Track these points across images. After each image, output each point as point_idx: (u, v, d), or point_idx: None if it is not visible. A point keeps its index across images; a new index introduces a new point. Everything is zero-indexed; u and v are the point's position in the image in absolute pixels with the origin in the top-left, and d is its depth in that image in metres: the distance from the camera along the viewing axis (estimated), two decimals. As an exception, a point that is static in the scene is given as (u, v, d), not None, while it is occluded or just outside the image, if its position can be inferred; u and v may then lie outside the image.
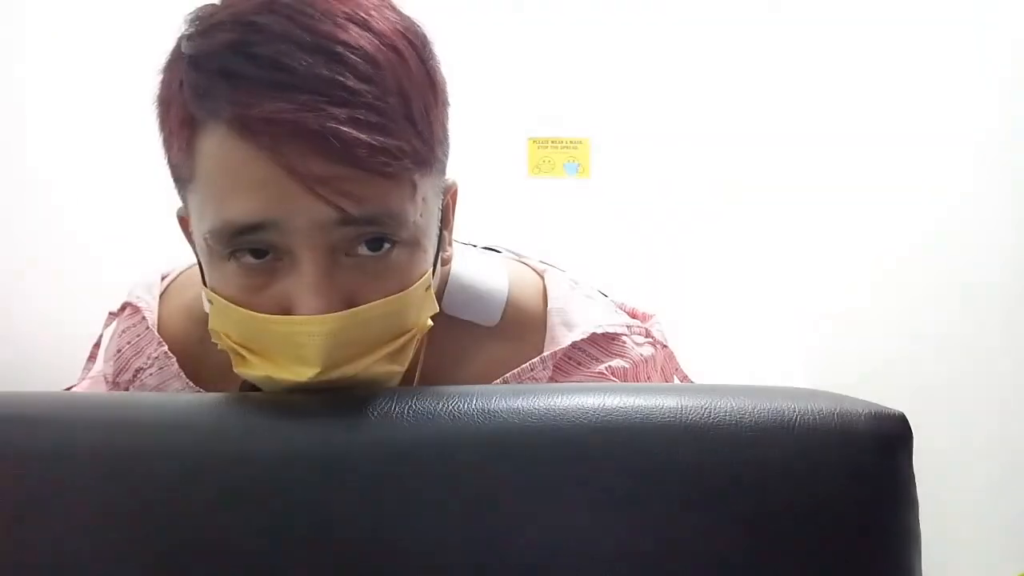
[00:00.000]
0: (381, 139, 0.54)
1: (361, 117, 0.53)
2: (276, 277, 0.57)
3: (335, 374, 0.56)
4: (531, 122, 1.85)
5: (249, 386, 0.63)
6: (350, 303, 0.56)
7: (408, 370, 0.63)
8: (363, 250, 0.57)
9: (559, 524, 0.51)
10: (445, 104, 0.61)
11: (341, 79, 0.53)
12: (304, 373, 0.56)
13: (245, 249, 0.56)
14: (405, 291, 0.58)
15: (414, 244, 0.59)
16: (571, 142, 1.86)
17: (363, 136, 0.53)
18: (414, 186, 0.57)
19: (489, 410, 0.54)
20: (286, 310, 0.56)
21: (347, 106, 0.53)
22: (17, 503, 0.53)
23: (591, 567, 0.51)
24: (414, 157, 0.56)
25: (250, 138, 0.53)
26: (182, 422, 0.55)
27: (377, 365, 0.58)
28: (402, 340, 0.59)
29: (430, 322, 0.62)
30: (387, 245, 0.57)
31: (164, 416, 0.55)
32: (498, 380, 0.71)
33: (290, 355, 0.56)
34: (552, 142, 1.86)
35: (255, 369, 0.58)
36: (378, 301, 0.57)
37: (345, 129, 0.53)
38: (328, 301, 0.55)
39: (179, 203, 0.64)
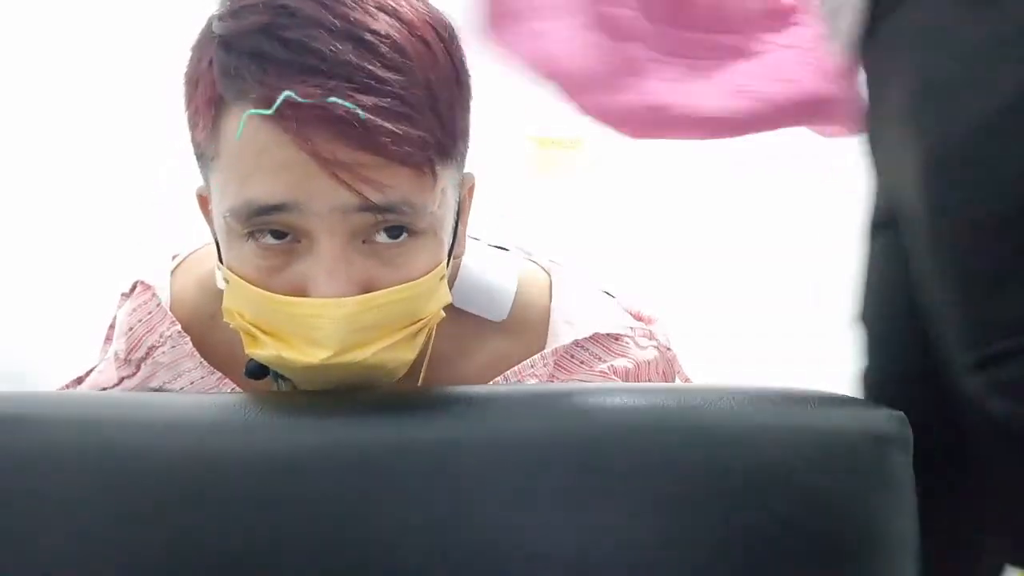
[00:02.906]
0: (406, 128, 0.54)
1: (387, 105, 0.53)
2: (293, 259, 0.57)
3: (346, 358, 0.56)
4: (533, 121, 1.85)
5: (255, 366, 0.63)
6: (366, 288, 0.57)
7: (415, 361, 0.63)
8: (381, 237, 0.57)
9: (559, 524, 0.51)
10: (469, 98, 0.62)
11: (369, 67, 0.54)
12: (316, 355, 0.56)
13: (264, 230, 0.57)
14: (420, 279, 0.58)
15: (431, 234, 0.59)
16: (572, 141, 1.86)
17: (388, 125, 0.53)
18: (435, 177, 0.57)
19: (490, 410, 0.54)
20: (302, 292, 0.57)
21: (374, 94, 0.53)
22: (17, 503, 0.53)
23: (591, 566, 0.51)
24: (437, 148, 0.56)
25: (276, 120, 0.53)
26: (182, 422, 0.55)
27: (388, 351, 0.58)
28: (414, 328, 0.60)
29: (442, 312, 0.62)
30: (405, 234, 0.57)
31: (164, 416, 0.55)
32: (499, 376, 0.71)
33: (303, 337, 0.56)
34: (553, 141, 1.86)
35: (267, 349, 0.58)
36: (393, 288, 0.57)
37: (371, 116, 0.53)
38: (344, 285, 0.56)
39: (190, 187, 0.64)
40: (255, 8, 0.55)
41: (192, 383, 0.73)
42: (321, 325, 0.55)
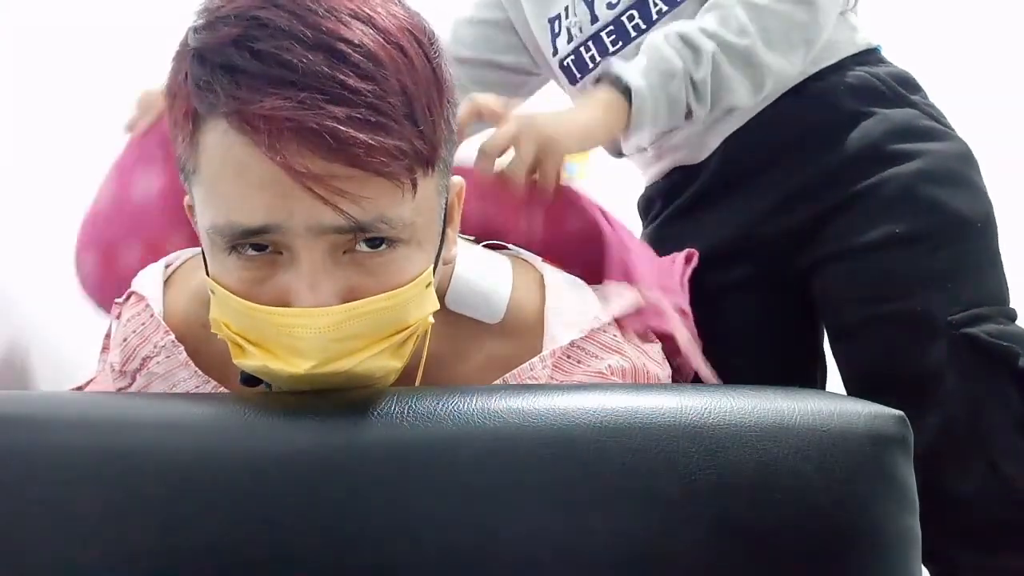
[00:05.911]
0: (380, 138, 0.54)
1: (359, 116, 0.53)
2: (276, 270, 0.57)
3: (330, 367, 0.56)
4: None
5: (249, 375, 0.63)
6: (348, 299, 0.57)
7: (411, 365, 0.63)
8: (362, 247, 0.57)
9: (559, 523, 0.51)
10: (451, 103, 0.61)
11: (341, 77, 0.53)
12: (300, 365, 0.56)
13: (246, 244, 0.57)
14: (402, 288, 0.58)
15: (413, 243, 0.59)
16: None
17: (361, 135, 0.53)
18: (414, 186, 0.57)
19: (489, 410, 0.54)
20: (285, 303, 0.57)
21: (346, 104, 0.53)
22: (18, 503, 0.53)
23: (591, 566, 0.51)
24: (415, 157, 0.56)
25: (249, 134, 0.53)
26: (182, 422, 0.55)
27: (374, 360, 0.58)
28: (400, 336, 0.59)
29: (431, 319, 0.62)
30: (386, 244, 0.57)
31: (164, 416, 0.55)
32: (498, 379, 0.71)
33: (287, 347, 0.56)
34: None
35: (253, 359, 0.58)
36: (374, 297, 0.57)
37: (343, 128, 0.52)
38: (325, 296, 0.56)
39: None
40: (227, 20, 0.55)
41: (188, 392, 0.72)
42: (303, 335, 0.55)
